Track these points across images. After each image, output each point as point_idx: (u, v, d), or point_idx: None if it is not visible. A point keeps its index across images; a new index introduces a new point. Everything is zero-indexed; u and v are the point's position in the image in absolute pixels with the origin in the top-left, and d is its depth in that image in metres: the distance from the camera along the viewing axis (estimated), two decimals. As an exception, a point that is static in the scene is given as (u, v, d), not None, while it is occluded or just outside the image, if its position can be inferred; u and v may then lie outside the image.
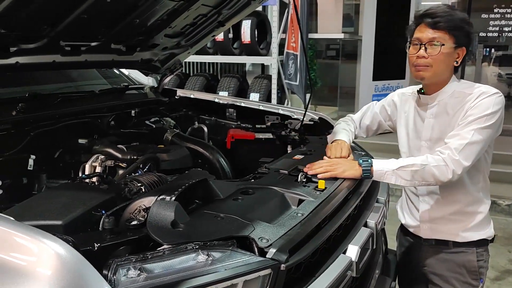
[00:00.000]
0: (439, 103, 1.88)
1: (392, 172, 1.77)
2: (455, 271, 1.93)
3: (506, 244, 4.24)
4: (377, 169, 1.79)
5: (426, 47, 1.79)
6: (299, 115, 2.66)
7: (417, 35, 1.83)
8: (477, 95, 1.78)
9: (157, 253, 1.17)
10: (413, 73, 1.86)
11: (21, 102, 2.01)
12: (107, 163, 1.97)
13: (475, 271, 1.92)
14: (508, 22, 6.75)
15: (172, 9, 2.23)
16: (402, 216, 2.11)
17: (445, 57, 1.79)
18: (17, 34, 1.83)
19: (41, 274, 1.00)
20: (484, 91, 1.78)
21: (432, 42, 1.78)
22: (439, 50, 1.77)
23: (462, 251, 1.92)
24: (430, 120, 1.90)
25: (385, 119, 2.14)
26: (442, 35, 1.78)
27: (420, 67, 1.81)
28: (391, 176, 1.78)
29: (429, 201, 1.95)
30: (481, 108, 1.74)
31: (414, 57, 1.83)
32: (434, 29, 1.78)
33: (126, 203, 1.47)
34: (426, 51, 1.79)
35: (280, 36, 6.33)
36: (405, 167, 1.77)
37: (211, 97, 3.07)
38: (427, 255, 1.99)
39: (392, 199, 2.28)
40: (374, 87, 6.93)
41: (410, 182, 1.78)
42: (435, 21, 1.78)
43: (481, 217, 1.91)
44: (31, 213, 1.36)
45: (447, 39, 1.78)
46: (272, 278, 1.21)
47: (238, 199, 1.55)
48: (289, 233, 1.35)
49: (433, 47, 1.78)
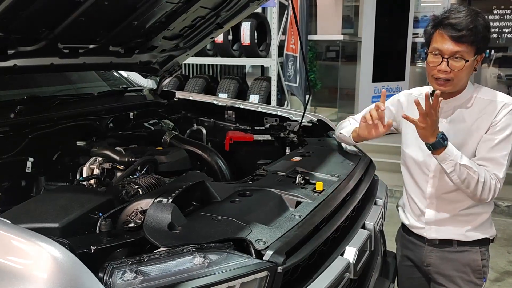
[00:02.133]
0: (455, 108, 1.84)
1: (454, 163, 1.73)
2: (460, 270, 1.93)
3: (506, 245, 4.24)
4: (448, 152, 1.72)
5: (448, 61, 1.70)
6: (298, 117, 2.66)
7: (437, 46, 1.73)
8: (500, 108, 1.76)
9: (153, 255, 1.17)
10: (432, 84, 1.81)
11: (19, 104, 2.01)
12: (105, 166, 1.97)
13: (479, 270, 1.92)
14: (507, 24, 6.74)
15: (170, 11, 2.24)
16: (405, 217, 2.08)
17: (467, 69, 1.73)
18: (15, 37, 1.83)
19: (37, 277, 1.00)
20: (504, 102, 1.77)
21: (455, 55, 1.70)
22: (463, 65, 1.69)
23: (467, 250, 1.92)
24: (445, 125, 1.85)
25: (389, 119, 2.07)
26: (465, 49, 1.69)
27: (440, 81, 1.75)
28: (451, 165, 1.73)
29: (437, 203, 1.92)
30: (505, 124, 1.75)
31: (435, 69, 1.74)
32: (457, 43, 1.68)
33: (123, 206, 1.47)
34: (448, 64, 1.70)
35: (280, 38, 6.34)
36: (468, 168, 1.73)
37: (210, 99, 3.07)
38: (431, 255, 1.98)
39: (391, 201, 2.28)
40: (374, 88, 6.93)
41: (458, 180, 1.75)
42: (459, 36, 1.68)
43: (486, 217, 1.92)
44: (28, 216, 1.36)
45: (470, 52, 1.70)
46: (269, 280, 1.22)
47: (236, 201, 1.55)
48: (286, 235, 1.35)
49: (456, 60, 1.70)
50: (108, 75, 3.07)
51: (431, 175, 1.91)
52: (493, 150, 1.77)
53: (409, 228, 2.06)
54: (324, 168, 1.96)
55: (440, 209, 1.92)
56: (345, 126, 2.19)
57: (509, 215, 4.94)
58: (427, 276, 2.04)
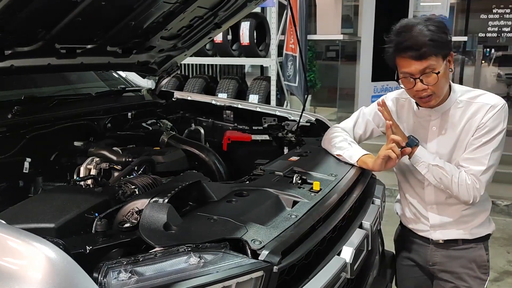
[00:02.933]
0: (442, 115, 1.86)
1: (427, 165, 1.80)
2: (467, 266, 1.94)
3: (505, 244, 4.24)
4: (418, 154, 1.82)
5: (421, 79, 1.70)
6: (296, 117, 2.65)
7: (405, 70, 1.73)
8: (486, 110, 1.76)
9: (148, 255, 1.17)
10: (420, 104, 1.84)
11: (17, 105, 2.01)
12: (102, 166, 1.97)
13: (485, 265, 1.95)
14: (507, 23, 6.74)
15: (168, 11, 2.23)
16: (407, 221, 2.08)
17: (442, 79, 1.72)
18: (12, 37, 1.83)
19: (32, 278, 1.00)
20: (490, 104, 1.77)
21: (425, 72, 1.69)
22: (436, 78, 1.70)
23: (472, 247, 1.93)
24: (434, 131, 1.88)
25: (378, 125, 2.09)
26: (432, 62, 1.68)
27: (424, 99, 1.76)
28: (424, 167, 1.82)
29: (438, 208, 1.93)
30: (492, 126, 1.75)
31: (413, 90, 1.75)
32: (421, 60, 1.68)
33: (119, 206, 1.47)
34: (422, 82, 1.71)
35: (279, 38, 6.33)
36: (441, 168, 1.79)
37: (208, 99, 3.07)
38: (436, 254, 1.98)
39: (390, 200, 2.28)
40: (373, 88, 6.92)
41: (436, 182, 1.83)
42: (420, 54, 1.67)
43: (487, 214, 1.95)
44: (24, 216, 1.36)
45: (438, 61, 1.69)
46: (264, 280, 1.21)
47: (232, 201, 1.55)
48: (282, 235, 1.35)
49: (428, 75, 1.70)
50: (106, 75, 3.07)
51: (427, 183, 1.92)
52: (476, 151, 1.79)
53: (410, 230, 2.06)
54: (321, 167, 1.96)
55: (443, 213, 1.93)
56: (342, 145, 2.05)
57: (508, 214, 4.94)
58: (431, 275, 2.04)
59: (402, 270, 2.17)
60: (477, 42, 7.26)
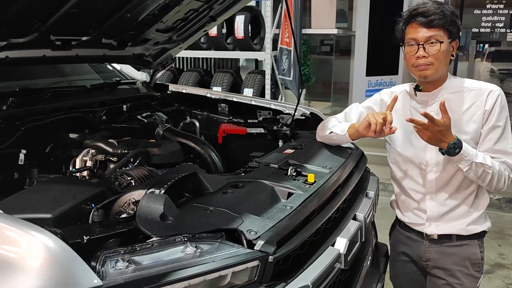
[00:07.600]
0: (440, 99, 1.85)
1: (471, 163, 1.78)
2: (460, 264, 1.94)
3: (497, 238, 4.29)
4: (464, 153, 1.76)
5: (424, 47, 1.77)
6: (291, 110, 2.67)
7: (412, 35, 1.81)
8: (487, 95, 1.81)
9: (145, 245, 1.18)
10: (415, 73, 1.85)
11: (11, 96, 2.01)
12: (98, 157, 1.98)
13: (478, 263, 1.94)
14: (500, 18, 6.77)
15: (163, 3, 2.23)
16: (402, 215, 2.08)
17: (444, 53, 1.79)
18: (6, 28, 1.82)
19: (30, 266, 1.01)
20: (489, 89, 1.82)
21: (429, 40, 1.77)
22: (439, 48, 1.77)
23: (466, 244, 1.94)
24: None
25: None
26: (438, 32, 1.77)
27: (422, 66, 1.80)
28: (467, 165, 1.78)
29: (437, 197, 1.93)
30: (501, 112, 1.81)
31: (414, 57, 1.80)
32: (429, 28, 1.77)
33: (116, 197, 1.48)
34: (425, 50, 1.77)
35: (274, 32, 6.33)
36: (484, 165, 1.78)
37: (203, 92, 3.08)
38: (430, 250, 1.98)
39: (384, 194, 2.30)
40: (368, 82, 6.94)
41: (474, 177, 1.82)
42: (430, 20, 1.76)
43: (482, 210, 1.97)
44: (21, 207, 1.37)
45: (443, 35, 1.78)
46: (260, 269, 1.23)
47: (228, 193, 1.57)
48: (278, 225, 1.37)
49: (431, 45, 1.77)
50: (101, 67, 3.06)
51: (428, 169, 1.91)
52: (500, 142, 1.83)
53: (405, 225, 2.06)
54: (316, 160, 1.98)
55: (441, 203, 1.93)
56: (334, 124, 2.12)
57: (500, 208, 5.00)
58: (424, 271, 2.04)
59: (396, 266, 2.17)
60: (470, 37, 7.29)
